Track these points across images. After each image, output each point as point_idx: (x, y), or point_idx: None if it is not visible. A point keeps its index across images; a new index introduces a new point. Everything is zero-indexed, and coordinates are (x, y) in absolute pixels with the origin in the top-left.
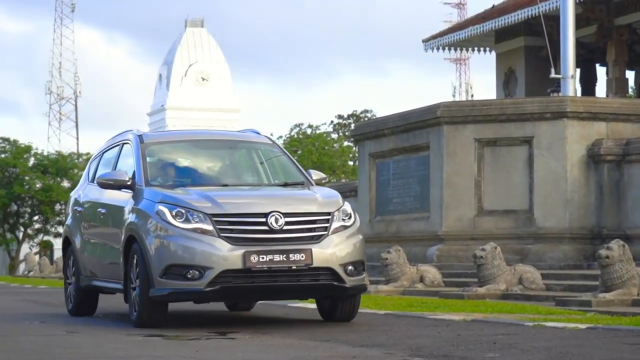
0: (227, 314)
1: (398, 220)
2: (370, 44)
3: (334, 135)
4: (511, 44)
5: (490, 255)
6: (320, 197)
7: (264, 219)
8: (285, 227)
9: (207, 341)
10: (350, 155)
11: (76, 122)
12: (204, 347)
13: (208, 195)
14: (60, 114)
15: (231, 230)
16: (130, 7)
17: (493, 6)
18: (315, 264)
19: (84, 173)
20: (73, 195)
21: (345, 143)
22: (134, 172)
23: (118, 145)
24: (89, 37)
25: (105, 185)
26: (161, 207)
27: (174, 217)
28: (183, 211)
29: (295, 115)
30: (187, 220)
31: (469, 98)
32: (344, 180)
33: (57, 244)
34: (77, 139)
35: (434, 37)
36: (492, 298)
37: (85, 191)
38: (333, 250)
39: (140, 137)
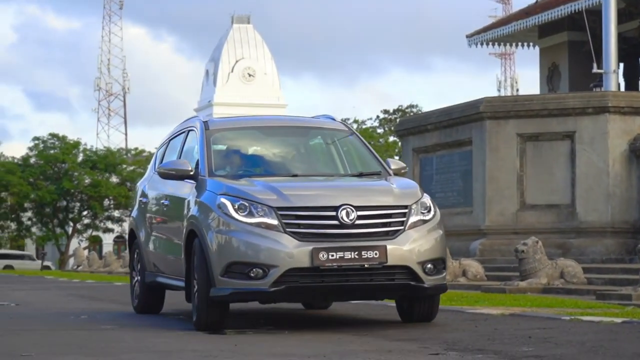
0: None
1: (441, 214)
2: (415, 39)
3: (380, 130)
4: (554, 39)
5: (531, 250)
6: (397, 189)
7: (334, 213)
8: (358, 222)
9: (249, 336)
10: (396, 150)
11: (125, 118)
12: (244, 342)
13: (274, 187)
14: (109, 110)
15: (298, 225)
16: (176, 3)
17: (536, 1)
18: (390, 262)
19: (151, 162)
20: (139, 185)
21: (391, 138)
22: (197, 161)
23: (184, 132)
24: (135, 33)
25: (166, 175)
26: (223, 200)
27: (236, 210)
28: (246, 204)
29: (341, 111)
30: (250, 214)
31: (514, 92)
32: None
33: (106, 239)
34: (126, 134)
35: (478, 32)
36: (533, 292)
37: (150, 181)
38: (410, 246)
39: (205, 124)
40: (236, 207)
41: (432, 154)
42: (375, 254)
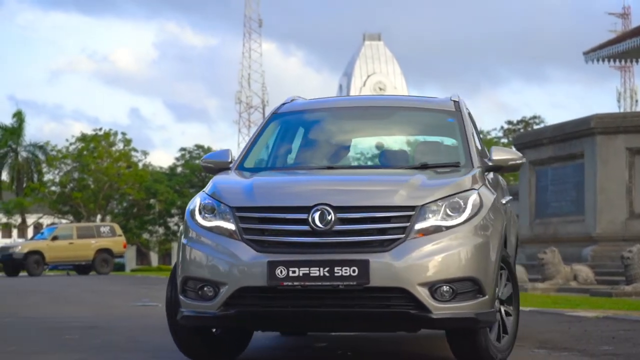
0: None
1: (555, 222)
2: (534, 50)
3: (504, 140)
4: None
5: (636, 257)
6: (419, 183)
7: (305, 215)
8: (337, 228)
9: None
10: None
11: None
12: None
13: (247, 182)
14: (249, 122)
15: (262, 231)
16: (305, 21)
17: None
18: (375, 283)
19: None
20: None
21: (513, 149)
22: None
23: None
24: (266, 48)
25: (206, 168)
26: (196, 199)
27: (200, 211)
28: (211, 203)
29: None
30: (212, 217)
31: (634, 104)
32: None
33: None
34: None
35: (594, 49)
36: (638, 296)
37: None
38: (410, 261)
39: (280, 106)
40: (201, 207)
41: (547, 166)
42: (353, 271)
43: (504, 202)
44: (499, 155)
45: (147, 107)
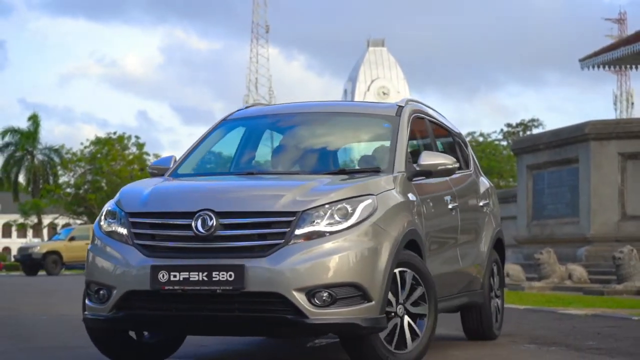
0: None
1: (552, 224)
2: (530, 54)
3: (504, 143)
4: None
5: (627, 257)
6: (308, 188)
7: (189, 221)
8: (219, 233)
9: None
10: None
11: None
12: None
13: (148, 189)
14: None
15: (152, 237)
16: (308, 27)
17: None
18: (250, 288)
19: None
20: None
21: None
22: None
23: None
24: (271, 53)
25: (152, 175)
26: (106, 206)
27: (105, 217)
28: (113, 209)
29: (462, 123)
30: (113, 222)
31: (630, 107)
32: (513, 184)
33: None
34: None
35: (590, 56)
36: (628, 294)
37: None
38: (287, 266)
39: (232, 113)
40: (106, 213)
41: (544, 170)
42: (230, 276)
43: (481, 204)
44: (427, 160)
45: (155, 110)
